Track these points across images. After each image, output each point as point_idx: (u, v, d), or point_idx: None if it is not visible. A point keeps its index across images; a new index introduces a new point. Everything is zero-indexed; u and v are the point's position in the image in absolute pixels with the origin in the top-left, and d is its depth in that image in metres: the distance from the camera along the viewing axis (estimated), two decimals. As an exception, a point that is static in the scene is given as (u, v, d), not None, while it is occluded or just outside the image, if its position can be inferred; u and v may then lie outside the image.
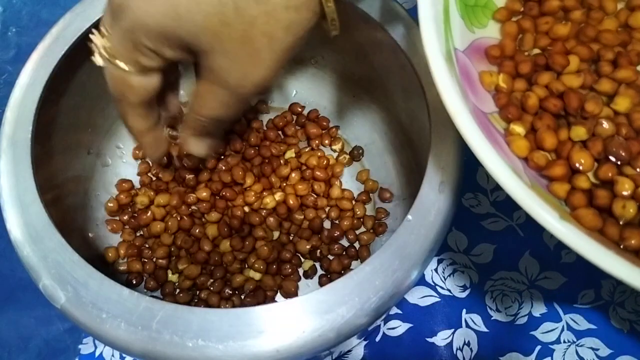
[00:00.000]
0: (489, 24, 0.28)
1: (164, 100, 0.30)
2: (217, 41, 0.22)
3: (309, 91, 0.42)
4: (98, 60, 0.25)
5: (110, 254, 0.36)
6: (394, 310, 0.38)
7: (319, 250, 0.37)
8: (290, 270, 0.36)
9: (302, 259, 0.37)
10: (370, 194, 0.39)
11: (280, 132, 0.41)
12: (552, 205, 0.21)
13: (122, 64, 0.24)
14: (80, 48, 0.31)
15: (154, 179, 0.40)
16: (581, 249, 0.19)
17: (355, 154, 0.40)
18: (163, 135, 0.30)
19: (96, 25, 0.31)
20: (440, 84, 0.22)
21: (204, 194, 0.37)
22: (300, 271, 0.37)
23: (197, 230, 0.37)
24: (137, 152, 0.40)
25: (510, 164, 0.22)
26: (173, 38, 0.22)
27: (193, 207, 0.38)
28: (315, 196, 0.39)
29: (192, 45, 0.23)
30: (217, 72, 0.23)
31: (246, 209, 0.38)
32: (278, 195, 0.38)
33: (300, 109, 0.42)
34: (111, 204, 0.38)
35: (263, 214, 0.38)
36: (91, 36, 0.25)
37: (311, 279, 0.37)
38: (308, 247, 0.37)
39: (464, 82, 0.24)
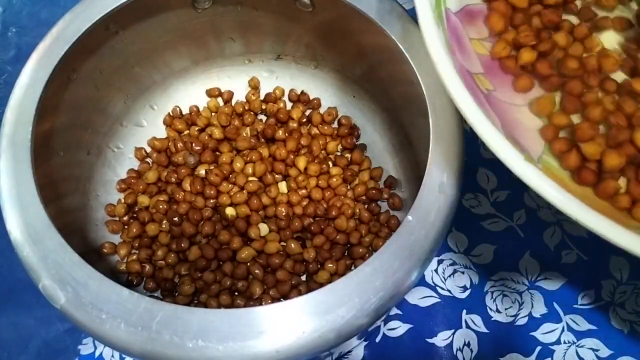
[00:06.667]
0: None
1: None
2: None
3: (309, 92, 0.42)
4: None
5: (105, 250, 0.36)
6: (394, 310, 0.38)
7: (319, 251, 0.37)
8: (290, 271, 0.36)
9: (303, 260, 0.37)
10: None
11: (280, 132, 0.41)
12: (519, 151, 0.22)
13: None
14: (80, 48, 0.31)
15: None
16: (541, 190, 0.21)
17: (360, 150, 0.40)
18: None
19: (96, 25, 0.31)
20: (427, 34, 0.23)
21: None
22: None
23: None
24: (137, 152, 0.40)
25: (488, 118, 0.23)
26: None
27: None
28: (316, 196, 0.39)
29: None
30: None
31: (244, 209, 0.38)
32: (277, 196, 0.38)
33: (302, 108, 0.42)
34: (117, 207, 0.38)
35: (262, 214, 0.38)
36: None
37: (312, 280, 0.37)
38: (308, 247, 0.37)
39: (451, 39, 0.25)
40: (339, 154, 0.41)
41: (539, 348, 0.37)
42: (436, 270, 0.39)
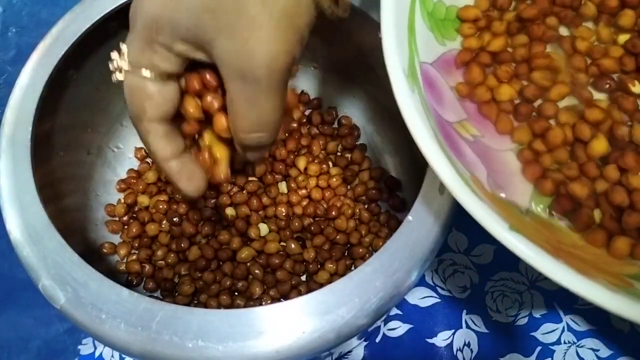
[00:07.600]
0: (457, 38, 0.28)
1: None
2: (215, 20, 0.22)
3: (309, 92, 0.42)
4: (118, 75, 0.24)
5: (105, 250, 0.36)
6: (394, 311, 0.38)
7: (319, 251, 0.37)
8: (290, 271, 0.36)
9: (303, 261, 0.37)
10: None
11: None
12: (508, 214, 0.21)
13: (140, 71, 0.23)
14: (80, 48, 0.31)
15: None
16: (528, 258, 0.20)
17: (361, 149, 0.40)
18: (195, 166, 0.26)
19: (96, 25, 0.31)
20: (400, 99, 0.23)
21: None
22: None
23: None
24: (137, 152, 0.40)
25: (469, 172, 0.22)
26: (180, 28, 0.22)
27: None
28: (316, 196, 0.39)
29: (199, 35, 0.22)
30: (227, 61, 0.22)
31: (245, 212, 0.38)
32: (277, 196, 0.38)
33: (302, 108, 0.42)
34: (117, 207, 0.38)
35: (262, 214, 0.38)
36: (111, 54, 0.24)
37: (312, 280, 0.37)
38: (308, 247, 0.37)
39: (428, 95, 0.24)
40: (339, 154, 0.41)
41: (539, 348, 0.37)
42: (436, 271, 0.39)
